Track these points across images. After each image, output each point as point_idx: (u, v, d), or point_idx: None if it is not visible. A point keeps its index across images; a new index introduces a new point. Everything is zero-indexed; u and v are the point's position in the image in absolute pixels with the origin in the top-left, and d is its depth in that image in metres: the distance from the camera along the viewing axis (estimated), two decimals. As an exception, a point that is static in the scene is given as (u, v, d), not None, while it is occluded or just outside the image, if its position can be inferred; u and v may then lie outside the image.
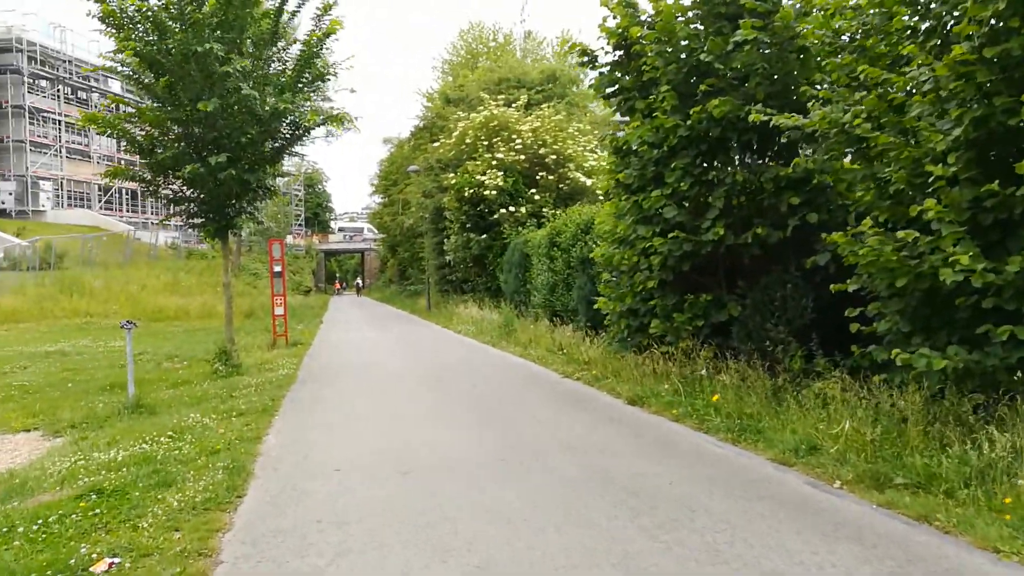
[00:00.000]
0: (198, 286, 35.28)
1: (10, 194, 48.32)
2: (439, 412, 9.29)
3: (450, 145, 28.70)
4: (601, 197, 25.06)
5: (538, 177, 25.16)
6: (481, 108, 28.08)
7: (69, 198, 54.73)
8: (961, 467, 5.14)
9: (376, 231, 69.86)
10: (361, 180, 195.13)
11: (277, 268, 20.03)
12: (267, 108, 12.76)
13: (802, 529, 4.67)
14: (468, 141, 27.47)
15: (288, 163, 59.15)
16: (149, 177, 13.54)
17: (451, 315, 25.21)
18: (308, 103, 13.21)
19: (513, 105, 28.05)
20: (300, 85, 13.32)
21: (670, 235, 9.17)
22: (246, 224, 13.42)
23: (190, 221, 14.30)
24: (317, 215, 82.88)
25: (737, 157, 9.34)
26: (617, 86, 10.92)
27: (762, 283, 9.15)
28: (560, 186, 25.28)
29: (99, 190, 55.68)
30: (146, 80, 12.50)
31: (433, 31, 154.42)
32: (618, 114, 11.12)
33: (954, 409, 5.89)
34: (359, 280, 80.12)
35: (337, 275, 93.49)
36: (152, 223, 49.21)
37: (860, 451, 5.75)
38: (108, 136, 13.38)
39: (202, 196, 13.60)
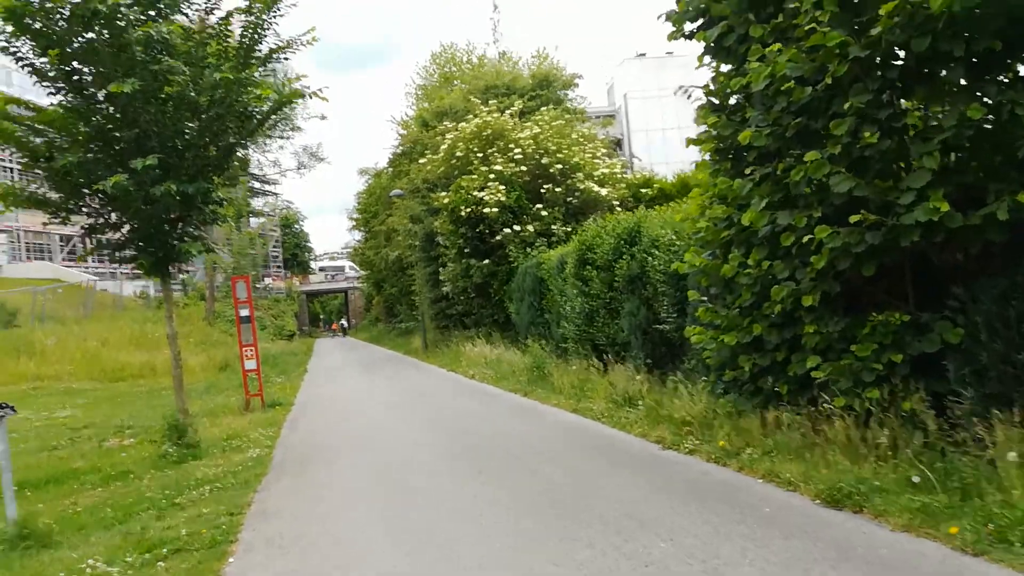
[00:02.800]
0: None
1: (-43, 250, 44.51)
2: (508, 540, 5.44)
3: (439, 161, 25.14)
4: (618, 206, 22.01)
5: (543, 191, 21.70)
6: (471, 116, 24.65)
7: (28, 250, 50.84)
8: None
9: (358, 268, 66.55)
10: (339, 217, 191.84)
11: (244, 311, 15.96)
12: (206, 98, 9.31)
13: None
14: (459, 154, 23.97)
15: (261, 202, 55.67)
16: (56, 198, 9.99)
17: (456, 355, 21.45)
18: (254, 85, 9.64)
19: (507, 112, 24.62)
20: (252, 61, 9.81)
21: (851, 219, 5.67)
22: (192, 248, 9.84)
23: (117, 254, 10.63)
24: (296, 256, 79.75)
25: (954, 87, 5.78)
26: (706, 16, 7.54)
27: (998, 289, 5.66)
28: (568, 199, 21.84)
29: (60, 240, 51.69)
30: (32, 58, 8.95)
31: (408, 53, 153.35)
32: (707, 56, 7.67)
33: None
34: (344, 320, 76.16)
35: (321, 316, 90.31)
36: (121, 272, 45.36)
37: None
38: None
39: (130, 220, 10.05)
